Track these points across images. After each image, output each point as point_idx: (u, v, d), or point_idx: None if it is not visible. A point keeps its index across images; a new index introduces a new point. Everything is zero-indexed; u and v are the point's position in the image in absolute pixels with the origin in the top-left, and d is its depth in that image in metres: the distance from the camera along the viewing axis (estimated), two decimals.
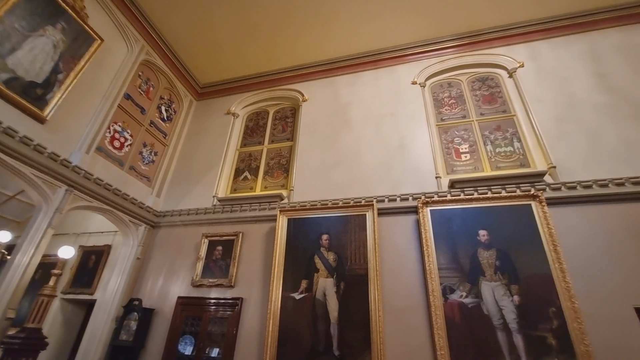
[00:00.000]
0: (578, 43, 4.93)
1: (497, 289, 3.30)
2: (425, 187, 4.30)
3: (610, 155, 3.88)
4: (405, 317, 3.51)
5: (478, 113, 4.93)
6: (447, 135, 4.87)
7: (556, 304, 3.08)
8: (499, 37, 5.36)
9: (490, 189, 3.97)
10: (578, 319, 2.97)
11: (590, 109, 4.30)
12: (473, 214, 3.75)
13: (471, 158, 4.55)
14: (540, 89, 4.68)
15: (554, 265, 3.22)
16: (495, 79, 5.20)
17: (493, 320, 3.19)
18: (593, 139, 4.06)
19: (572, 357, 2.88)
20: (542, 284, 3.20)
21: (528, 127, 4.47)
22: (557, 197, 3.67)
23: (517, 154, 4.39)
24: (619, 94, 4.29)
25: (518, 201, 3.66)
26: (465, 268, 3.50)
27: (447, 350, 3.16)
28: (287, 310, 3.86)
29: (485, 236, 3.58)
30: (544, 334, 3.02)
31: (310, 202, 4.59)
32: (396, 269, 3.81)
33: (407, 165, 4.60)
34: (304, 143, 5.39)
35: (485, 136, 4.68)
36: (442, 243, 3.68)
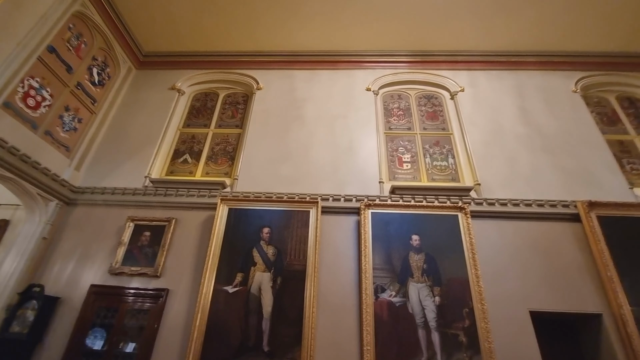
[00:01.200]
0: (509, 79, 5.61)
1: (422, 290, 3.59)
2: (369, 190, 4.48)
3: (522, 179, 4.49)
4: (338, 313, 3.62)
5: (422, 127, 5.30)
6: (392, 143, 5.14)
7: (469, 305, 3.46)
8: (447, 61, 5.84)
9: (425, 198, 4.29)
10: (485, 319, 3.37)
11: (511, 137, 4.92)
12: (409, 219, 4.02)
13: (412, 168, 4.87)
14: (475, 114, 5.21)
15: (471, 271, 3.61)
16: (439, 98, 5.65)
17: (416, 319, 3.46)
18: (511, 163, 4.66)
19: (478, 353, 3.26)
20: (460, 287, 3.57)
21: (461, 146, 4.95)
22: (479, 210, 4.13)
23: (450, 169, 4.83)
24: (535, 128, 5.00)
25: (447, 211, 4.03)
26: (397, 269, 3.74)
27: (373, 345, 3.33)
28: (218, 304, 3.69)
29: (417, 241, 3.86)
30: (457, 332, 3.37)
31: (255, 194, 4.46)
32: (334, 267, 3.90)
33: (354, 167, 4.74)
34: (254, 132, 5.21)
35: (425, 149, 5.06)
36: (379, 245, 3.88)
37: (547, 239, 3.98)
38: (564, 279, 3.72)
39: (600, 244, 3.75)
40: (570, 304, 3.59)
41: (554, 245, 3.93)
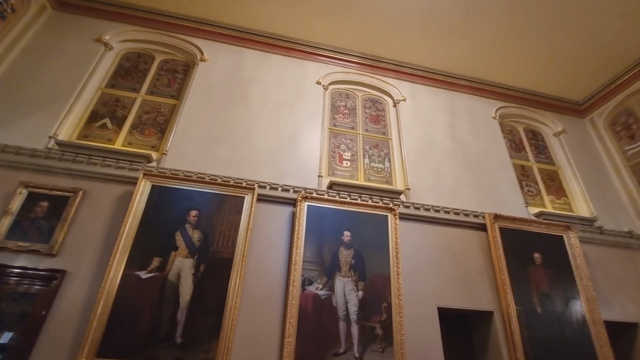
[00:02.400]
0: (444, 97, 6.14)
1: (348, 284, 3.71)
2: (307, 183, 4.46)
3: (445, 189, 4.94)
4: (262, 304, 3.52)
5: (364, 128, 5.48)
6: (335, 140, 5.21)
7: (388, 300, 3.68)
8: (394, 70, 6.13)
9: (360, 196, 4.44)
10: (400, 313, 3.62)
11: (440, 150, 5.38)
12: (343, 215, 4.11)
13: (351, 166, 5.00)
14: (412, 124, 5.57)
15: (393, 268, 3.85)
16: (383, 103, 5.91)
17: (339, 312, 3.55)
18: (437, 173, 5.09)
19: (391, 345, 3.49)
20: (382, 282, 3.77)
21: (398, 152, 5.24)
22: (406, 213, 4.42)
23: (385, 172, 5.09)
24: (460, 144, 5.55)
25: (379, 211, 4.22)
26: (326, 263, 3.79)
27: (295, 337, 3.33)
28: (127, 290, 3.29)
29: (348, 237, 3.97)
30: (374, 324, 3.56)
31: (185, 172, 4.09)
32: (263, 257, 3.78)
33: (295, 158, 4.68)
34: (192, 106, 4.78)
35: (365, 150, 5.23)
36: (311, 238, 3.88)
37: (459, 243, 4.45)
38: (467, 279, 4.20)
39: (499, 251, 4.32)
40: (470, 302, 4.08)
41: (463, 250, 4.42)
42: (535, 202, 5.44)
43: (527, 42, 5.64)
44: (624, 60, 5.88)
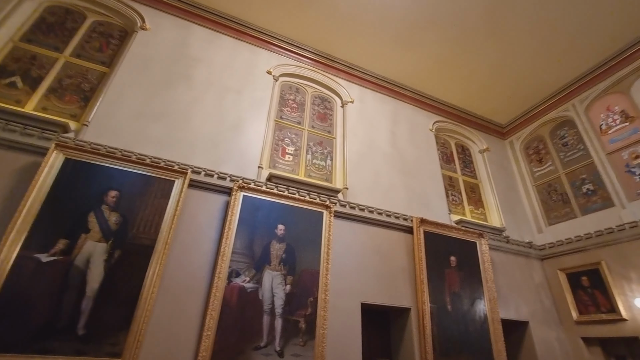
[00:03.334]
0: (389, 104, 6.43)
1: (276, 278, 3.69)
2: (246, 173, 4.34)
3: (381, 191, 5.19)
4: (182, 296, 3.34)
5: (310, 125, 5.50)
6: (280, 132, 5.15)
7: (314, 295, 3.75)
8: (346, 71, 6.26)
9: (299, 191, 4.45)
10: (325, 308, 3.71)
11: (380, 155, 5.63)
12: (278, 208, 4.08)
13: (293, 160, 4.98)
14: (357, 126, 5.74)
15: (323, 264, 3.93)
16: (332, 103, 5.99)
17: (264, 305, 3.52)
18: (375, 176, 5.32)
19: (312, 339, 3.56)
20: (310, 278, 3.83)
21: (340, 151, 5.36)
22: (341, 211, 4.54)
23: (326, 170, 5.17)
24: (398, 151, 5.87)
25: (315, 207, 4.27)
26: (257, 255, 3.73)
27: (214, 331, 3.21)
28: (22, 274, 2.87)
29: (282, 231, 3.96)
30: (298, 318, 3.60)
31: (109, 148, 3.70)
32: (190, 246, 3.59)
33: (236, 146, 4.52)
34: (125, 77, 4.34)
35: (309, 146, 5.26)
36: (244, 229, 3.78)
37: (388, 244, 4.71)
38: (391, 278, 4.47)
39: (421, 253, 4.66)
40: (392, 299, 4.34)
41: (391, 250, 4.68)
42: (457, 210, 5.99)
43: (466, 65, 6.17)
44: (540, 93, 6.74)
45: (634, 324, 4.74)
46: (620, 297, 4.93)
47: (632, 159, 5.36)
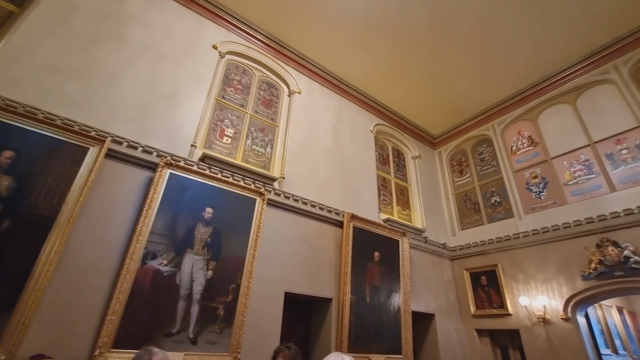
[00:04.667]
0: (335, 100, 6.54)
1: (198, 262, 3.52)
2: (177, 150, 4.05)
3: (317, 184, 5.27)
4: (86, 276, 2.99)
5: (254, 109, 5.34)
6: (221, 113, 4.90)
7: (237, 282, 3.67)
8: (297, 61, 6.19)
9: (233, 175, 4.30)
10: (247, 295, 3.66)
11: (320, 148, 5.71)
12: (209, 191, 3.89)
13: (231, 143, 4.79)
14: (301, 117, 5.74)
15: (249, 252, 3.86)
16: (279, 90, 5.89)
17: (181, 290, 3.33)
18: (313, 169, 5.39)
19: (230, 326, 3.48)
20: (235, 264, 3.73)
21: (282, 140, 5.31)
22: (275, 200, 4.51)
23: (265, 157, 5.08)
24: (339, 147, 6.02)
25: (249, 193, 4.17)
26: (179, 238, 3.51)
27: (120, 315, 2.95)
28: None
29: (210, 214, 3.78)
30: (218, 305, 3.49)
31: (8, 100, 3.13)
32: (100, 222, 3.23)
33: (168, 120, 4.18)
34: (40, 22, 3.69)
35: (250, 131, 5.10)
36: (167, 209, 3.53)
37: (318, 236, 4.81)
38: (317, 269, 4.58)
39: (348, 247, 4.86)
40: (316, 289, 4.45)
41: (320, 242, 4.79)
42: (386, 209, 6.37)
43: (409, 75, 6.55)
44: (468, 112, 7.48)
45: (517, 318, 5.57)
46: (509, 295, 5.76)
47: (531, 178, 6.26)
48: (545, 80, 6.44)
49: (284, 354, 1.54)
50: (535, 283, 5.50)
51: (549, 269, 5.40)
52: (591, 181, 5.45)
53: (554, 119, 6.34)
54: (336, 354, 1.21)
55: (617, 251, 4.70)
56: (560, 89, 6.31)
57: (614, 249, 4.73)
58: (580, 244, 5.11)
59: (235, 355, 3.39)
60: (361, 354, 4.40)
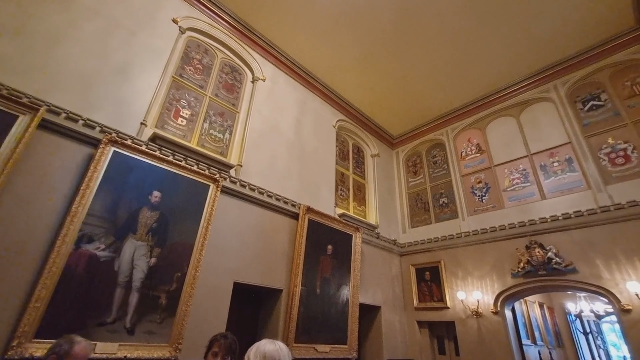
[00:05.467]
0: (300, 92, 6.49)
1: (140, 248, 3.31)
2: (124, 127, 3.75)
3: (275, 175, 5.21)
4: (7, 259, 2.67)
5: (214, 92, 5.11)
6: (177, 92, 4.62)
7: (183, 270, 3.52)
8: (263, 47, 6.01)
9: (186, 159, 4.09)
10: (193, 284, 3.53)
11: (282, 139, 5.65)
12: (158, 174, 3.66)
13: (187, 125, 4.55)
14: (264, 105, 5.61)
15: (199, 239, 3.71)
16: (243, 75, 5.69)
17: (119, 277, 3.12)
18: (272, 159, 5.31)
19: (172, 315, 3.34)
20: (182, 252, 3.58)
21: (242, 127, 5.15)
22: (230, 188, 4.38)
23: (223, 143, 4.90)
24: (300, 139, 5.99)
25: (202, 179, 4.00)
26: (120, 222, 3.27)
27: (47, 302, 2.69)
28: None
29: (157, 198, 3.57)
30: (160, 294, 3.32)
31: None
32: (28, 199, 2.90)
33: (117, 94, 3.86)
34: None
35: (208, 115, 4.88)
36: (108, 189, 3.26)
37: (273, 227, 4.77)
38: (270, 260, 4.55)
39: (302, 239, 4.88)
40: (267, 280, 4.42)
41: (275, 234, 4.76)
42: (342, 204, 6.49)
43: (374, 74, 6.68)
44: (426, 115, 7.83)
45: (453, 311, 6.01)
46: (448, 290, 6.19)
47: (476, 183, 6.75)
48: (496, 93, 6.94)
49: (220, 343, 1.50)
50: (472, 279, 5.97)
51: (484, 266, 5.89)
52: (526, 189, 6.01)
53: (500, 129, 6.87)
54: (269, 340, 1.21)
55: (542, 252, 5.25)
56: (508, 103, 6.84)
57: (540, 250, 5.28)
58: (512, 245, 5.63)
59: (176, 346, 3.26)
60: (308, 344, 4.47)
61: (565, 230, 5.20)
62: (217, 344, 1.52)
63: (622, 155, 5.13)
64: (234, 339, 1.65)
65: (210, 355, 1.50)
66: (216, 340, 1.55)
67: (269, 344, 1.18)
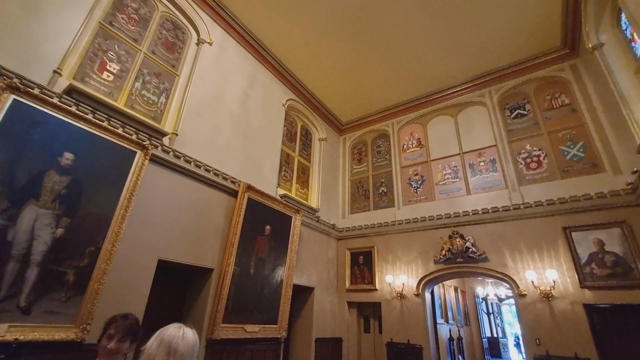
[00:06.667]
0: (250, 64, 6.11)
1: (44, 217, 2.85)
2: (31, 72, 3.14)
3: (216, 148, 4.89)
4: None
5: (150, 48, 4.54)
6: (106, 42, 4.00)
7: (98, 245, 3.13)
8: (212, 6, 5.48)
9: (110, 119, 3.59)
10: (109, 260, 3.16)
11: (225, 111, 5.29)
12: (73, 133, 3.15)
13: (114, 82, 3.98)
14: (208, 72, 5.17)
15: (119, 211, 3.32)
16: (187, 35, 5.15)
17: (13, 250, 2.65)
18: (214, 131, 4.96)
19: (82, 293, 2.97)
20: (97, 224, 3.17)
21: (181, 92, 4.69)
22: (162, 158, 3.98)
23: (158, 108, 4.41)
24: (246, 114, 5.69)
25: (128, 144, 3.55)
26: (18, 184, 2.76)
27: None
28: None
29: (69, 161, 3.08)
30: (66, 270, 2.92)
31: None
32: None
33: (24, 32, 3.19)
34: None
35: (142, 73, 4.34)
36: (4, 145, 2.71)
37: (208, 203, 4.50)
38: (202, 238, 4.30)
39: (240, 217, 4.70)
40: (197, 258, 4.18)
41: (210, 210, 4.49)
42: (285, 185, 6.40)
43: (330, 57, 6.54)
44: (375, 105, 7.99)
45: (381, 293, 6.39)
46: (378, 273, 6.55)
47: (413, 175, 7.15)
48: (439, 92, 7.33)
49: (117, 325, 1.33)
50: (400, 264, 6.39)
51: (412, 252, 6.33)
52: (455, 184, 6.53)
53: (439, 127, 7.31)
54: (177, 325, 1.09)
55: (462, 242, 5.79)
56: (448, 103, 7.28)
57: (460, 240, 5.82)
58: (438, 234, 6.12)
59: (83, 327, 2.92)
60: (236, 325, 4.38)
61: (482, 224, 5.79)
62: (114, 326, 1.34)
63: (536, 160, 5.82)
64: (136, 319, 1.47)
65: (104, 338, 1.32)
66: (114, 322, 1.36)
67: (174, 329, 1.06)
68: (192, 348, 1.07)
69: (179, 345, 1.02)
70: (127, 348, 1.38)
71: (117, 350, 1.33)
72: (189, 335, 1.08)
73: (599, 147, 5.28)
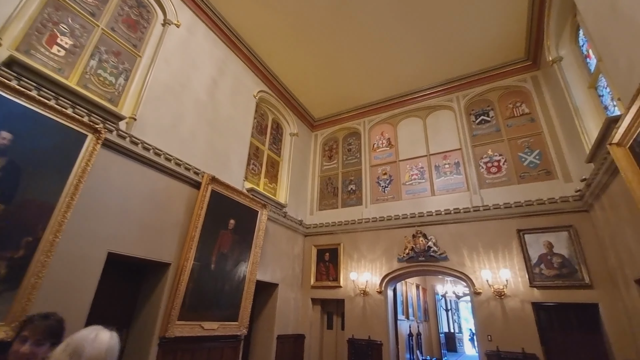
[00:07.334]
0: (220, 50, 5.86)
1: None
2: None
3: (178, 136, 4.64)
4: None
5: (110, 25, 4.20)
6: (56, 12, 3.63)
7: (37, 235, 2.84)
8: None
9: (58, 98, 3.27)
10: (50, 252, 2.88)
11: (191, 97, 5.03)
12: (11, 109, 2.81)
13: (65, 58, 3.62)
14: (174, 55, 4.89)
15: (64, 199, 3.03)
16: (152, 14, 4.82)
17: None
18: (177, 118, 4.70)
19: (15, 288, 2.68)
20: (37, 212, 2.87)
21: (142, 74, 4.39)
22: (117, 143, 3.69)
23: (115, 89, 4.09)
24: (214, 102, 5.45)
25: (77, 126, 3.24)
26: None
27: None
28: None
29: (6, 141, 2.75)
30: None
31: None
32: None
33: None
34: None
35: (98, 51, 4.00)
36: None
37: (167, 194, 4.25)
38: (159, 230, 4.05)
39: (202, 210, 4.50)
40: (152, 252, 3.94)
41: (169, 201, 4.25)
42: (253, 179, 6.23)
43: (306, 51, 6.42)
44: (348, 103, 7.99)
45: (345, 290, 6.43)
46: (343, 271, 6.58)
47: (382, 174, 7.24)
48: (410, 94, 7.47)
49: (34, 326, 1.16)
50: (365, 262, 6.46)
51: (377, 251, 6.42)
52: (421, 184, 6.70)
53: (409, 128, 7.45)
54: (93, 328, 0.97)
55: (424, 241, 5.95)
56: (419, 105, 7.44)
57: (423, 239, 5.98)
58: (402, 233, 6.25)
59: (15, 325, 2.64)
60: (194, 322, 4.20)
61: (444, 224, 5.98)
62: (30, 327, 1.18)
63: (496, 165, 6.10)
64: (59, 320, 1.31)
65: (17, 341, 1.14)
66: (30, 323, 1.19)
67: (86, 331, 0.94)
68: (105, 353, 0.94)
69: (84, 348, 0.89)
70: (46, 351, 1.21)
71: (32, 355, 1.16)
72: (103, 338, 0.95)
73: (553, 155, 5.62)
